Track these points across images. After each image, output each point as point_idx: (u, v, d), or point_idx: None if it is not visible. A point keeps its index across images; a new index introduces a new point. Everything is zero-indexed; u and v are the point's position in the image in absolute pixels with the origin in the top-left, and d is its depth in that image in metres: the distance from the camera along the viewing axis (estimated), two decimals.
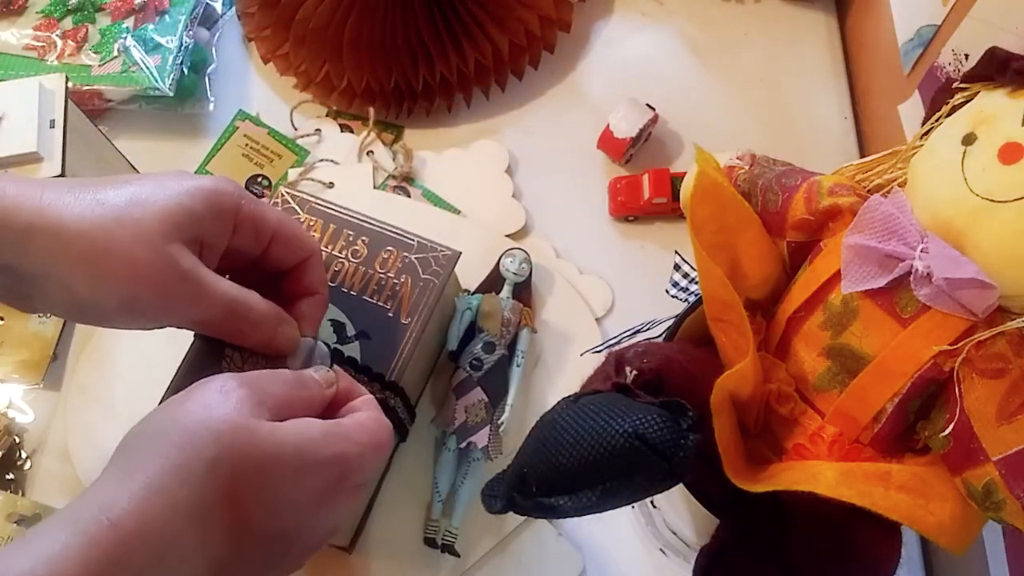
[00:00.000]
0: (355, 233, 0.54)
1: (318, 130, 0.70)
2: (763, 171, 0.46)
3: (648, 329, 0.56)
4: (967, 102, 0.39)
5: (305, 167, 0.68)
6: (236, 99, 0.72)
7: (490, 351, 0.56)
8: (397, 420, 0.52)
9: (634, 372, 0.40)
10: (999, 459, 0.36)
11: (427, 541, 0.54)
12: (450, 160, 0.69)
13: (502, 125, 0.71)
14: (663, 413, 0.36)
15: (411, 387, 0.54)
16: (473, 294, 0.59)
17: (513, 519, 0.56)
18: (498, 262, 0.60)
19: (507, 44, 0.68)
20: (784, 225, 0.44)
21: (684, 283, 0.60)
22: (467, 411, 0.54)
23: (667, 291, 0.61)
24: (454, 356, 0.57)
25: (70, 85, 0.59)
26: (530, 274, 0.60)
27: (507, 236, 0.65)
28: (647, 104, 0.66)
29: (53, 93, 0.58)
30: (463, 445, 0.54)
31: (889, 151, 0.44)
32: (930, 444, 0.39)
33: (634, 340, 0.54)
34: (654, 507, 0.53)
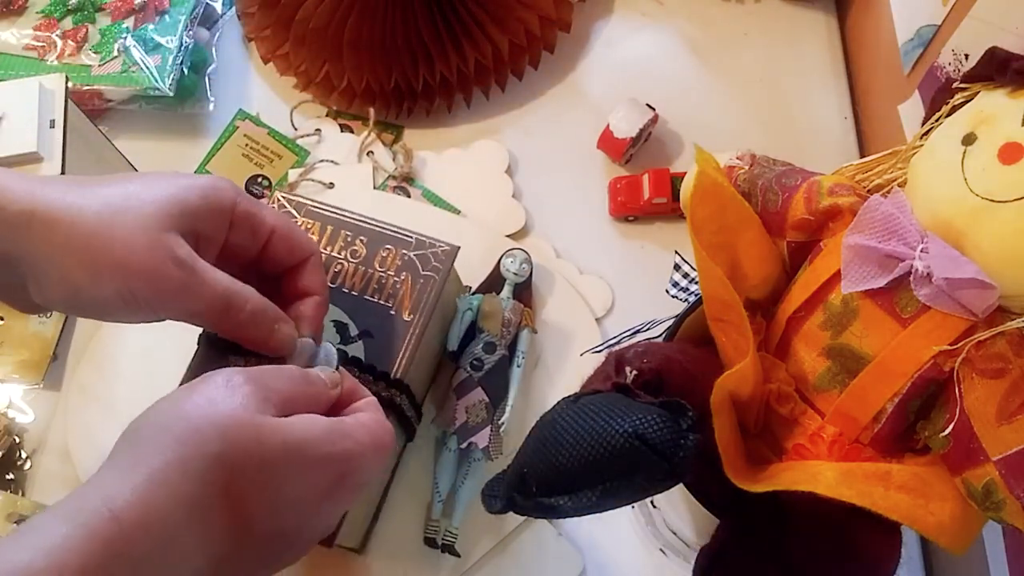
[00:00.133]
0: (353, 233, 0.54)
1: (318, 130, 0.70)
2: (763, 171, 0.46)
3: (648, 329, 0.56)
4: (967, 102, 0.39)
5: (305, 167, 0.68)
6: (236, 99, 0.72)
7: (491, 351, 0.56)
8: (404, 418, 0.52)
9: (634, 372, 0.40)
10: (999, 459, 0.36)
11: (427, 541, 0.54)
12: (450, 160, 0.69)
13: (502, 125, 0.71)
14: (663, 413, 0.36)
15: (416, 386, 0.54)
16: (473, 294, 0.59)
17: (513, 519, 0.56)
18: (499, 262, 0.60)
19: (507, 44, 0.68)
20: (784, 225, 0.44)
21: (684, 283, 0.60)
22: (468, 411, 0.55)
23: (667, 291, 0.61)
24: (455, 356, 0.57)
25: (70, 85, 0.59)
26: (531, 274, 0.60)
27: (507, 236, 0.65)
28: (647, 104, 0.66)
29: (53, 93, 0.58)
30: (464, 445, 0.54)
31: (889, 151, 0.44)
32: (930, 444, 0.39)
33: (634, 340, 0.54)
34: (654, 507, 0.53)
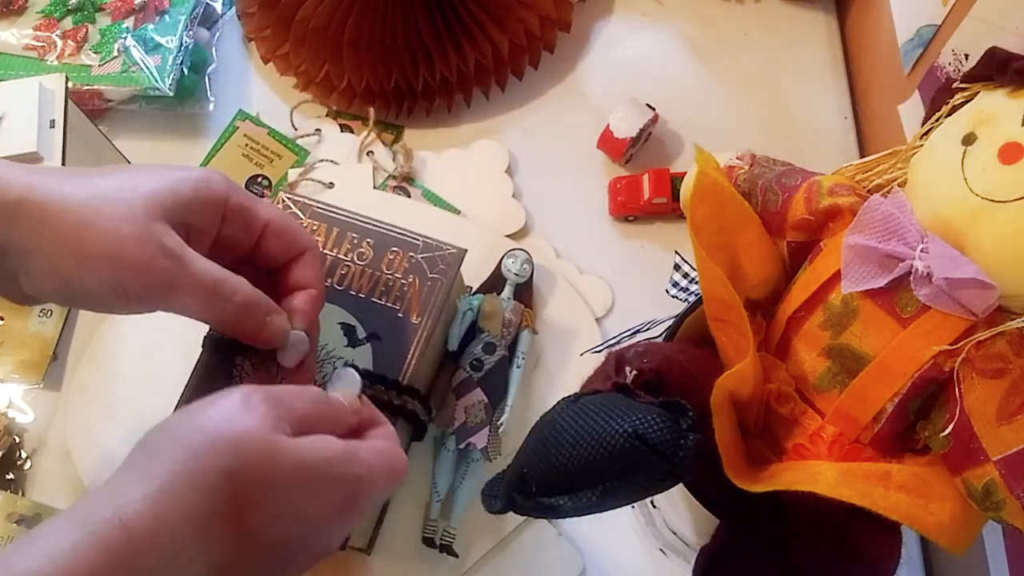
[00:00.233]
0: (359, 235, 0.54)
1: (318, 130, 0.70)
2: (763, 171, 0.46)
3: (648, 329, 0.56)
4: (967, 102, 0.39)
5: (305, 167, 0.68)
6: (236, 99, 0.72)
7: (491, 352, 0.56)
8: (417, 422, 0.52)
9: (634, 372, 0.40)
10: (999, 459, 0.36)
11: (425, 541, 0.54)
12: (450, 160, 0.69)
13: (502, 125, 0.71)
14: (663, 413, 0.36)
15: (420, 386, 0.54)
16: (474, 294, 0.59)
17: (513, 519, 0.56)
18: (500, 262, 0.60)
19: (507, 44, 0.68)
20: (784, 225, 0.44)
21: (684, 283, 0.60)
22: (467, 411, 0.54)
23: (667, 291, 0.61)
24: (455, 356, 0.57)
25: (70, 85, 0.59)
26: (532, 275, 0.60)
27: (507, 236, 0.65)
28: (647, 104, 0.66)
29: (53, 93, 0.58)
30: (462, 446, 0.54)
31: (889, 151, 0.44)
32: (930, 444, 0.39)
33: (634, 340, 0.54)
34: (654, 507, 0.53)
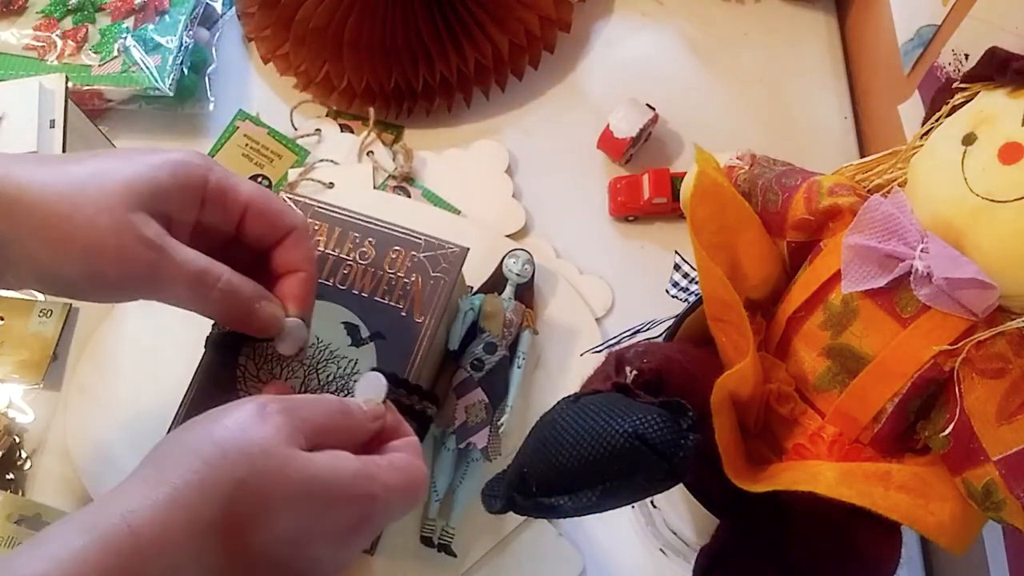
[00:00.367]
0: (361, 235, 0.54)
1: (318, 130, 0.70)
2: (763, 171, 0.46)
3: (648, 329, 0.56)
4: (967, 102, 0.39)
5: (305, 167, 0.68)
6: (236, 99, 0.72)
7: (491, 352, 0.56)
8: (426, 424, 0.53)
9: (634, 372, 0.40)
10: (999, 459, 0.36)
11: (423, 540, 0.54)
12: (450, 160, 0.69)
13: (502, 125, 0.71)
14: (663, 413, 0.36)
15: (423, 385, 0.54)
16: (475, 294, 0.59)
17: (513, 519, 0.56)
18: (501, 263, 0.60)
19: (507, 44, 0.68)
20: (784, 225, 0.44)
21: (684, 283, 0.60)
22: (467, 411, 0.54)
23: (667, 291, 0.61)
24: (455, 356, 0.57)
25: (70, 85, 0.59)
26: (533, 275, 0.60)
27: (507, 236, 0.65)
28: (647, 104, 0.66)
29: (53, 93, 0.58)
30: (462, 445, 0.54)
31: (889, 151, 0.44)
32: (930, 444, 0.39)
33: (634, 340, 0.54)
34: (654, 507, 0.53)
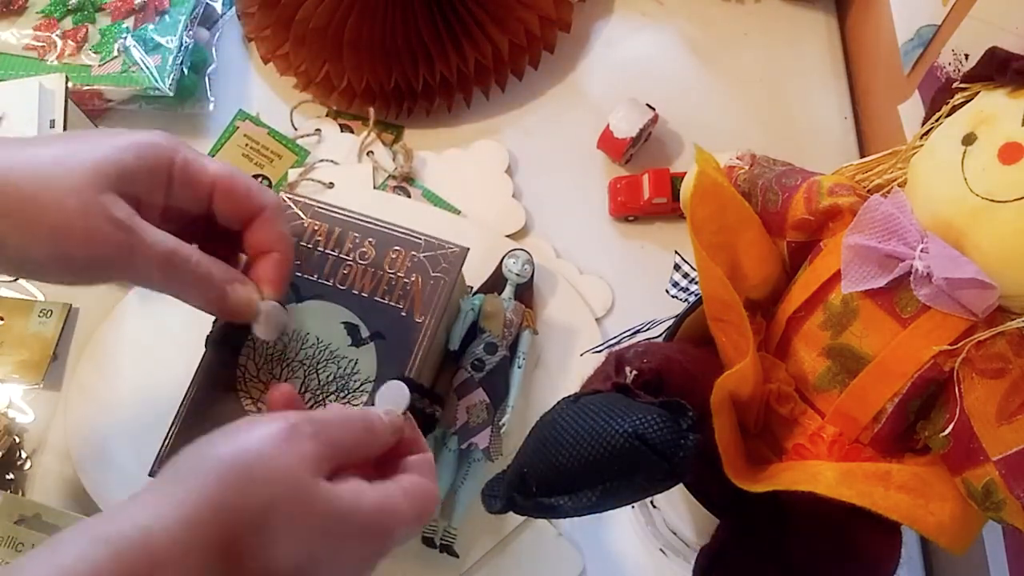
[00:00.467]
0: (361, 235, 0.54)
1: (318, 130, 0.70)
2: (763, 171, 0.46)
3: (648, 329, 0.56)
4: (967, 102, 0.39)
5: (305, 167, 0.68)
6: (236, 99, 0.72)
7: (492, 352, 0.56)
8: (433, 425, 0.53)
9: (634, 372, 0.40)
10: (999, 459, 0.36)
11: (425, 540, 0.54)
12: (450, 160, 0.69)
13: (502, 125, 0.71)
14: (663, 413, 0.36)
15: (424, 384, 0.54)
16: (475, 294, 0.59)
17: (513, 519, 0.56)
18: (501, 263, 0.60)
19: (507, 44, 0.68)
20: (784, 225, 0.44)
21: (684, 283, 0.60)
22: (468, 412, 0.54)
23: (667, 291, 0.61)
24: (456, 356, 0.57)
25: (70, 85, 0.59)
26: (532, 275, 0.60)
27: (507, 236, 0.65)
28: (647, 104, 0.66)
29: (53, 93, 0.58)
30: (464, 446, 0.54)
31: (889, 151, 0.44)
32: (930, 444, 0.39)
33: (634, 340, 0.54)
34: (654, 507, 0.53)
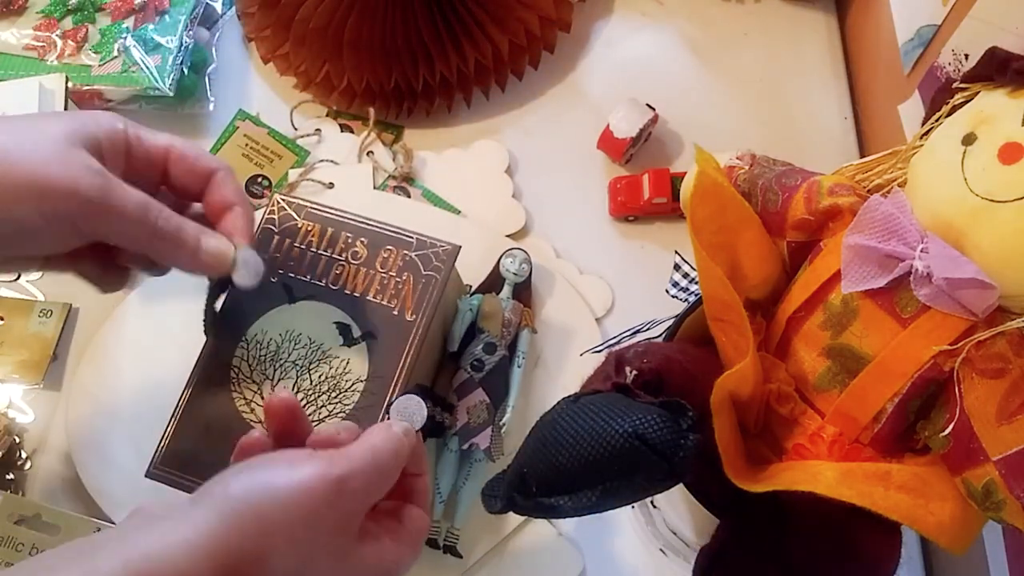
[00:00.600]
0: (353, 235, 0.54)
1: (318, 130, 0.70)
2: (763, 171, 0.46)
3: (648, 329, 0.56)
4: (967, 102, 0.39)
5: (305, 167, 0.68)
6: (236, 99, 0.72)
7: (491, 352, 0.56)
8: (440, 431, 0.54)
9: (634, 372, 0.40)
10: (999, 459, 0.36)
11: (428, 542, 0.54)
12: (450, 160, 0.69)
13: (502, 125, 0.71)
14: (663, 413, 0.36)
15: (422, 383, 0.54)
16: (473, 294, 0.59)
17: (513, 519, 0.56)
18: (498, 262, 0.60)
19: (507, 44, 0.68)
20: (784, 225, 0.44)
21: (684, 283, 0.60)
22: (469, 412, 0.54)
23: (667, 291, 0.61)
24: (455, 357, 0.57)
25: (70, 85, 0.59)
26: (530, 274, 0.60)
27: (507, 236, 0.65)
28: (647, 104, 0.66)
29: (53, 93, 0.58)
30: (465, 446, 0.54)
31: (889, 151, 0.44)
32: (930, 444, 0.39)
33: (634, 340, 0.54)
34: (654, 507, 0.53)
